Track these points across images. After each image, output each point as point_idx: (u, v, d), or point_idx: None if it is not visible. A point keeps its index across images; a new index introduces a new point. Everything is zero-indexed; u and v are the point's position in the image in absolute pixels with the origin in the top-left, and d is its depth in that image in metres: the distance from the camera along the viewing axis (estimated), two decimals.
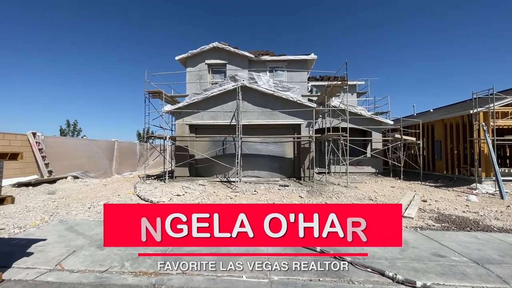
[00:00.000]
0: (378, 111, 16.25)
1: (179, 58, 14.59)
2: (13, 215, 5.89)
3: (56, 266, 3.37)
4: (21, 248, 3.87)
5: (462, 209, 6.91)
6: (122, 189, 9.38)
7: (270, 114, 11.49)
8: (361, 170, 14.27)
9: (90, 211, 6.31)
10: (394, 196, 8.47)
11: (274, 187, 9.76)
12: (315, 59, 14.45)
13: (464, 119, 11.69)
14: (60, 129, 26.83)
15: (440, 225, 5.45)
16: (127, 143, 17.38)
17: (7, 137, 9.96)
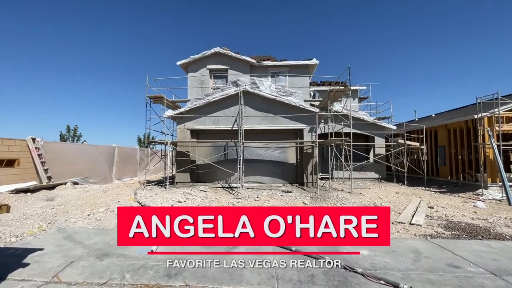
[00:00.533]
0: (380, 116, 16.15)
1: (181, 63, 14.58)
2: (10, 222, 5.72)
3: (53, 278, 3.21)
4: (17, 259, 3.70)
5: (471, 216, 6.73)
6: (122, 195, 9.22)
7: (272, 119, 11.39)
8: (364, 175, 14.10)
9: (90, 219, 6.15)
10: (399, 202, 8.30)
11: (277, 193, 9.59)
12: (317, 64, 14.42)
13: (468, 124, 11.57)
14: (60, 134, 26.67)
15: (450, 233, 5.28)
16: (128, 149, 17.25)
17: (6, 143, 9.83)
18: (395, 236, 5.11)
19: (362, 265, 3.54)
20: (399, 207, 7.66)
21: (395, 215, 6.71)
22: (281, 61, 14.69)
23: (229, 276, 3.24)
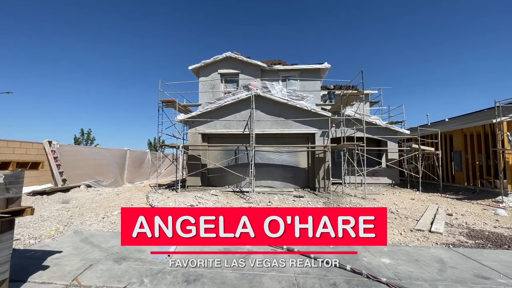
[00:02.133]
0: (392, 121, 15.88)
1: (192, 67, 14.73)
2: (28, 224, 5.81)
3: (73, 282, 3.20)
4: (37, 261, 3.73)
5: (493, 224, 6.47)
6: (134, 198, 9.28)
7: (284, 123, 11.33)
8: (376, 181, 13.82)
9: (104, 222, 6.19)
10: (416, 209, 8.06)
11: (289, 198, 9.48)
12: (328, 68, 14.34)
13: (485, 128, 11.23)
14: (75, 137, 27.31)
15: (473, 241, 5.07)
16: (139, 152, 17.45)
17: (24, 146, 10.09)
18: (415, 244, 4.94)
19: (385, 274, 3.41)
20: (416, 213, 7.44)
21: (413, 222, 6.52)
22: (292, 65, 14.67)
23: (249, 283, 3.17)
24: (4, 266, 2.64)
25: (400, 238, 5.27)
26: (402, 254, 4.14)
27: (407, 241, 5.11)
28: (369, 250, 4.27)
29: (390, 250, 4.34)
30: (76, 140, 27.07)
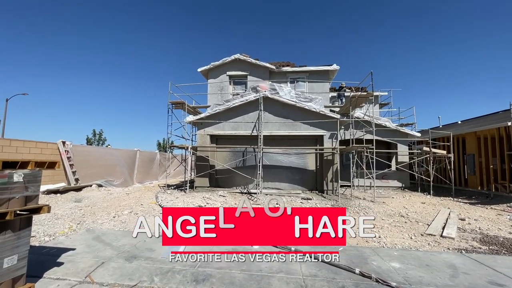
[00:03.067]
0: (402, 123, 15.63)
1: (201, 70, 14.89)
2: (42, 222, 6.00)
3: (86, 278, 3.29)
4: (51, 258, 3.85)
5: (508, 230, 6.28)
6: (144, 198, 9.43)
7: (292, 125, 11.31)
8: (386, 184, 13.61)
9: (115, 221, 6.32)
10: (426, 213, 7.91)
11: (297, 200, 9.45)
12: (337, 70, 14.25)
13: (500, 131, 10.93)
14: (87, 138, 27.97)
15: (487, 247, 4.94)
16: (148, 153, 17.73)
17: (39, 146, 10.41)
18: (426, 249, 4.85)
19: (395, 278, 3.38)
20: (427, 218, 7.30)
21: (423, 226, 6.40)
22: (301, 67, 14.64)
23: (257, 284, 3.19)
24: (22, 261, 2.74)
25: (410, 242, 5.19)
26: (412, 259, 4.08)
27: (418, 245, 5.02)
28: (378, 254, 4.22)
29: (400, 255, 4.28)
30: (88, 141, 27.73)
